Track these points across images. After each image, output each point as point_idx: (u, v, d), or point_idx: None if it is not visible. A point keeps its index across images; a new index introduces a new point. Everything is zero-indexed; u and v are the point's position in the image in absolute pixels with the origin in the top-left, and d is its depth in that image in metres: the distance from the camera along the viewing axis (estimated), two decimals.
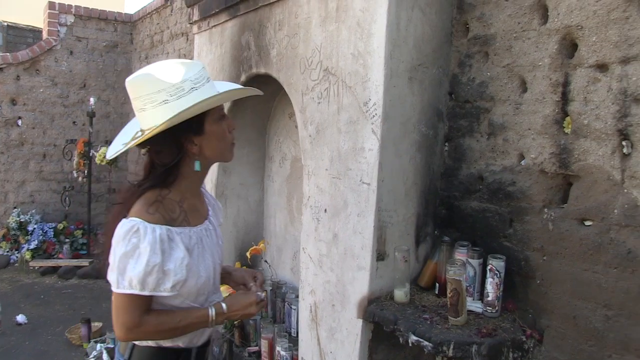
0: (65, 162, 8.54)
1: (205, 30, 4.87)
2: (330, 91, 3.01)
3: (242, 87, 2.07)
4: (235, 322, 4.10)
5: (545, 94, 2.47)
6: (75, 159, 8.04)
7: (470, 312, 2.55)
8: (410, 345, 2.44)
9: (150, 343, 1.87)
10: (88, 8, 8.80)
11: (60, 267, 7.46)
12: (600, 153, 2.26)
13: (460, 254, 2.64)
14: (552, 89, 2.43)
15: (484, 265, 2.60)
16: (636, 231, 2.14)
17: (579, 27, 2.34)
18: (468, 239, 2.77)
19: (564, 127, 2.39)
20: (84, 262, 7.58)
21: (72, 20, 8.66)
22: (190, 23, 5.21)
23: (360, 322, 2.77)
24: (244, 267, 2.82)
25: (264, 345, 3.83)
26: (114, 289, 1.73)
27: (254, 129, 4.75)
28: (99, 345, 4.74)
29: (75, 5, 8.67)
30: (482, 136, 2.77)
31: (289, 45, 3.50)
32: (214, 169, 4.68)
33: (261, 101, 4.51)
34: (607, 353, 2.23)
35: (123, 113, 9.18)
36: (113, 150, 1.93)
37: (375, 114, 2.66)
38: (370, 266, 2.71)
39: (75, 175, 8.16)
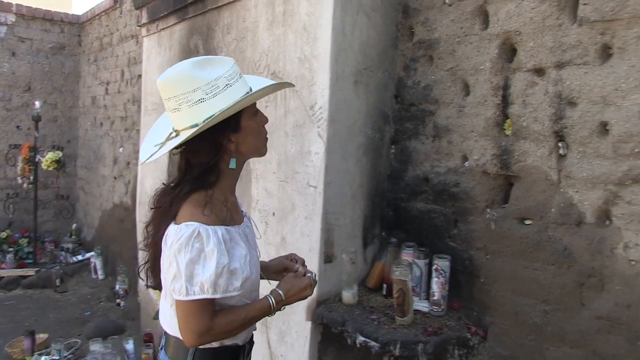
0: (9, 168, 8.28)
1: (154, 33, 4.83)
2: (277, 95, 3.02)
3: (275, 82, 2.01)
4: None
5: (486, 97, 2.54)
6: (20, 164, 7.82)
7: (417, 311, 2.60)
8: (358, 346, 2.47)
9: (214, 344, 1.83)
10: (31, 7, 8.49)
11: (3, 277, 7.18)
12: (539, 154, 2.34)
13: (407, 255, 2.69)
14: (493, 92, 2.51)
15: (429, 265, 2.65)
16: (571, 229, 2.23)
17: (518, 32, 2.41)
18: (415, 239, 2.81)
19: (504, 129, 2.47)
20: (30, 272, 7.32)
21: (14, 20, 8.37)
22: (139, 26, 5.16)
23: (309, 324, 2.79)
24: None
25: None
26: (181, 297, 1.69)
27: None
28: (43, 357, 4.60)
29: (17, 4, 8.37)
30: (427, 138, 2.83)
31: (237, 49, 3.51)
32: (161, 173, 4.63)
33: None
34: (545, 346, 2.31)
35: (71, 117, 8.99)
36: (147, 153, 1.85)
37: (322, 118, 2.68)
38: (318, 268, 2.73)
39: (19, 181, 7.94)
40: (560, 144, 2.27)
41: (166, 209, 1.79)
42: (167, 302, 1.82)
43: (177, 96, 1.71)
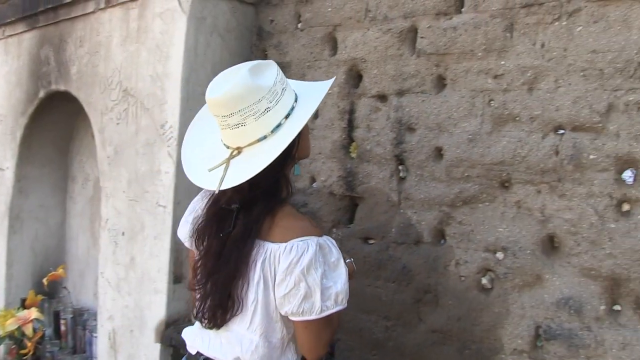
0: None
1: (0, 39, 4.56)
2: (129, 112, 2.97)
3: (316, 82, 1.91)
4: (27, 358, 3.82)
5: (334, 120, 2.63)
6: None
7: None
8: None
9: None
10: None
11: None
12: (381, 176, 2.46)
13: None
14: (340, 116, 2.61)
15: None
16: (410, 248, 2.36)
17: (363, 60, 2.53)
18: None
19: (350, 152, 2.58)
20: None
21: None
22: None
23: (158, 346, 2.74)
24: None
25: None
26: (313, 316, 1.58)
27: (55, 147, 4.50)
28: None
29: None
30: None
31: (90, 63, 3.40)
32: (7, 189, 4.36)
33: (63, 119, 4.30)
34: None
35: None
36: (211, 179, 1.63)
37: (172, 137, 2.67)
38: (167, 289, 2.71)
39: None
40: (400, 167, 2.40)
41: (242, 233, 1.63)
42: (256, 332, 1.65)
43: (242, 110, 1.56)
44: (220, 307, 1.66)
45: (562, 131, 2.03)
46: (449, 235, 2.28)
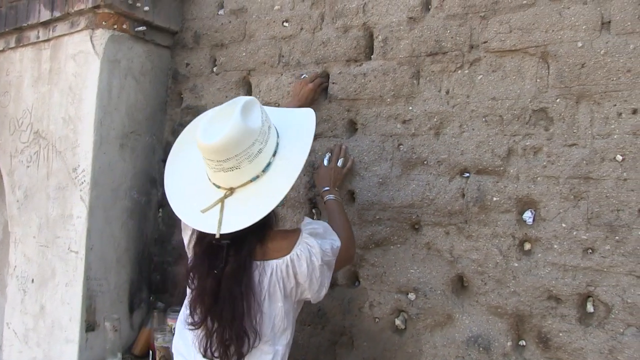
0: None
1: None
2: (40, 155, 2.89)
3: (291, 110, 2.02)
4: None
5: None
6: None
7: None
8: None
9: None
10: None
11: None
12: (295, 220, 2.47)
13: (172, 320, 2.65)
14: None
15: None
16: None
17: (277, 104, 2.57)
18: (182, 303, 2.79)
19: None
20: None
21: None
22: None
23: None
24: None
25: None
26: (332, 256, 1.78)
27: None
28: None
29: None
30: None
31: None
32: None
33: None
34: None
35: None
36: (208, 221, 1.65)
37: (84, 181, 2.62)
38: (79, 338, 2.61)
39: None
40: (314, 211, 2.43)
41: (237, 269, 1.67)
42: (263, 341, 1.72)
43: (238, 155, 1.59)
44: (233, 343, 1.67)
45: (467, 174, 2.11)
46: (362, 278, 2.31)
